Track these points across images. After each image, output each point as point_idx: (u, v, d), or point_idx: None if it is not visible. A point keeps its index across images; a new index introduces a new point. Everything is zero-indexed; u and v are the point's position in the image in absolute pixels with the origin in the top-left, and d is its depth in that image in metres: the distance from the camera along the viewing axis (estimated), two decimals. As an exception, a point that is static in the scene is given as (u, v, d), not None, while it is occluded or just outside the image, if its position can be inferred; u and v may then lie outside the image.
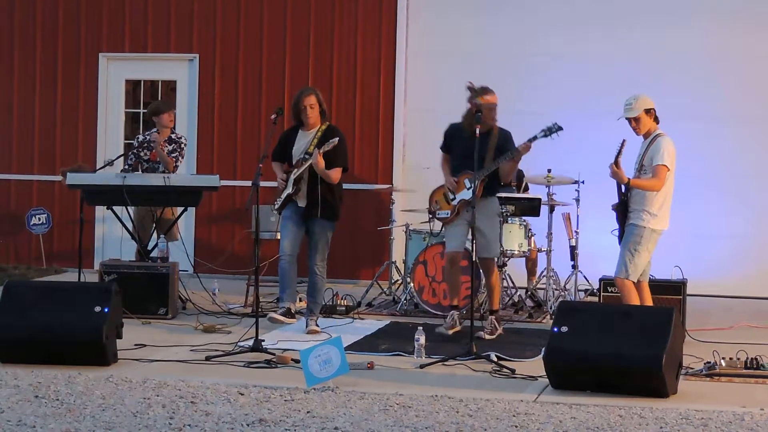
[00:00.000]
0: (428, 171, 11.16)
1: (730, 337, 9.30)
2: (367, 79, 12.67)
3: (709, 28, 12.02)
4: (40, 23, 13.33)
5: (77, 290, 8.23)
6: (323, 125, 9.29)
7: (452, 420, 6.49)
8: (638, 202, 8.43)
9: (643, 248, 8.42)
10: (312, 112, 9.20)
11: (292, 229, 9.28)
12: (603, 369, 7.19)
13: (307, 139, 9.24)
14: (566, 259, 10.70)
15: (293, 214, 9.27)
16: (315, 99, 9.23)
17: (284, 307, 9.29)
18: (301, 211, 9.23)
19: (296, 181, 9.15)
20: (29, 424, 6.19)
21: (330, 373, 7.25)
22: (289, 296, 9.35)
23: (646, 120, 8.48)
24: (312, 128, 9.27)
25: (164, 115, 10.71)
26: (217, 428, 6.20)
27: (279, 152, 9.44)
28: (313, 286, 9.32)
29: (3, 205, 13.45)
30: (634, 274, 8.43)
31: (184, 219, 11.16)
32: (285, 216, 9.31)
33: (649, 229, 8.41)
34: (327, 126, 9.31)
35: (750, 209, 12.04)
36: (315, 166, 9.06)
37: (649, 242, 8.43)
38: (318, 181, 9.14)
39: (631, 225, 8.45)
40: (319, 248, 9.26)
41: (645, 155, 8.45)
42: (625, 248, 8.45)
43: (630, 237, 8.43)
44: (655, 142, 8.44)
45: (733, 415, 6.70)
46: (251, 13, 12.90)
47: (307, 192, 9.17)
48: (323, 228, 9.25)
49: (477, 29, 12.46)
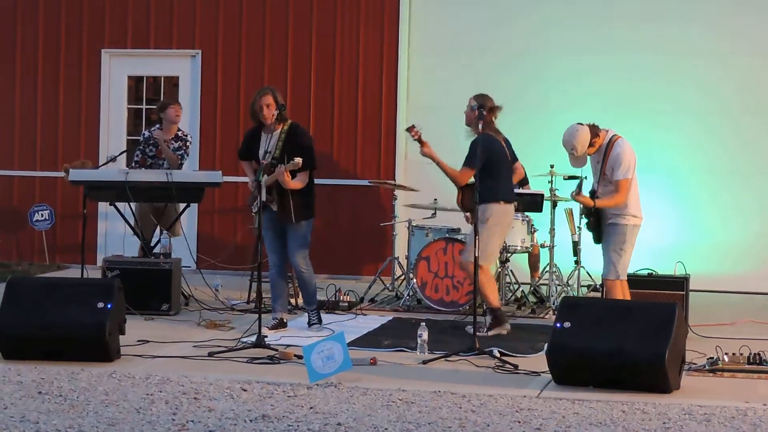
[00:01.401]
0: (430, 167, 11.15)
1: (733, 332, 9.30)
2: (369, 76, 12.66)
3: (720, 20, 12.00)
4: (43, 19, 13.33)
5: (80, 286, 8.21)
6: (286, 125, 9.13)
7: (455, 416, 6.50)
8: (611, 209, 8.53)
9: (628, 245, 8.54)
10: (268, 111, 9.02)
11: (272, 239, 9.19)
12: (606, 364, 7.18)
13: (272, 140, 9.06)
14: (569, 254, 10.68)
15: (269, 220, 9.11)
16: (272, 99, 9.05)
17: (277, 318, 9.23)
18: (274, 215, 9.10)
19: (268, 189, 8.94)
20: (32, 420, 6.19)
21: (333, 369, 7.25)
22: (281, 306, 9.32)
23: (591, 151, 8.56)
24: (275, 129, 9.09)
25: (169, 109, 10.66)
26: (220, 424, 6.20)
27: (245, 151, 9.36)
28: (302, 282, 9.29)
29: (6, 201, 13.46)
30: (624, 272, 8.52)
31: (186, 215, 11.16)
32: (264, 225, 9.06)
33: (631, 225, 8.52)
34: (290, 125, 9.14)
35: (754, 204, 12.03)
36: (282, 184, 8.90)
37: (632, 238, 8.55)
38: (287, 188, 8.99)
39: (612, 224, 8.51)
40: (297, 246, 9.14)
41: (605, 165, 8.51)
42: (611, 249, 8.51)
43: (613, 237, 8.50)
44: (613, 151, 8.50)
45: (736, 410, 6.70)
46: (254, 9, 12.90)
47: (277, 199, 9.03)
48: (299, 227, 9.11)
49: (479, 26, 12.46)
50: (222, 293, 10.68)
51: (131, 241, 10.89)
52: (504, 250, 10.23)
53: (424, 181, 11.56)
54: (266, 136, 9.15)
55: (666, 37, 12.05)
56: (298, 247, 9.16)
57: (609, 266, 8.54)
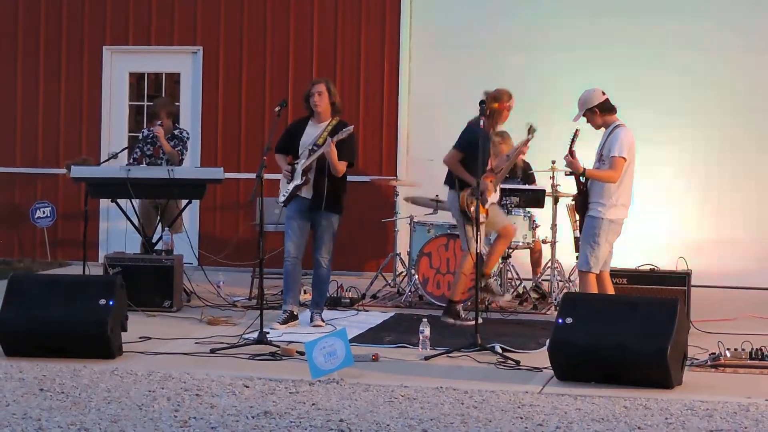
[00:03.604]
0: (432, 163, 11.14)
1: (735, 327, 9.30)
2: (371, 72, 12.66)
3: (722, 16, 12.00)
4: (44, 16, 13.33)
5: (82, 283, 8.23)
6: (334, 119, 9.20)
7: (457, 412, 6.50)
8: (595, 194, 8.52)
9: (603, 239, 8.48)
10: (320, 99, 9.08)
11: (296, 229, 9.17)
12: (608, 360, 7.18)
13: (317, 131, 9.14)
14: (570, 250, 10.69)
15: (297, 211, 9.15)
16: (324, 87, 9.13)
17: (288, 311, 9.19)
18: (306, 204, 9.12)
19: (304, 171, 9.06)
20: (34, 417, 6.19)
21: (335, 365, 7.25)
22: (293, 298, 9.26)
23: (594, 118, 8.59)
24: (322, 120, 9.17)
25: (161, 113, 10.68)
26: (222, 421, 6.20)
27: (284, 144, 9.36)
28: (319, 278, 9.24)
29: (7, 198, 13.46)
30: (596, 266, 8.52)
31: (188, 211, 11.16)
32: (289, 215, 9.17)
33: (607, 219, 8.46)
34: (338, 120, 9.21)
35: (756, 200, 12.02)
36: (327, 155, 8.93)
37: (608, 233, 8.49)
38: (325, 173, 9.05)
39: (589, 217, 8.51)
40: (326, 240, 9.16)
41: (603, 146, 8.51)
42: (585, 241, 8.51)
43: (589, 230, 8.50)
44: (613, 133, 8.52)
45: (738, 405, 6.70)
46: (255, 5, 12.89)
47: (313, 184, 9.09)
48: (329, 220, 9.16)
49: (481, 21, 12.45)
50: (224, 289, 10.67)
51: (133, 238, 10.88)
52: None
53: (426, 176, 11.56)
54: (314, 127, 9.17)
55: (666, 32, 12.04)
56: (327, 242, 9.14)
57: (582, 258, 8.56)
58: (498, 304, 10.09)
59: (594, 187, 8.52)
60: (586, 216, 8.56)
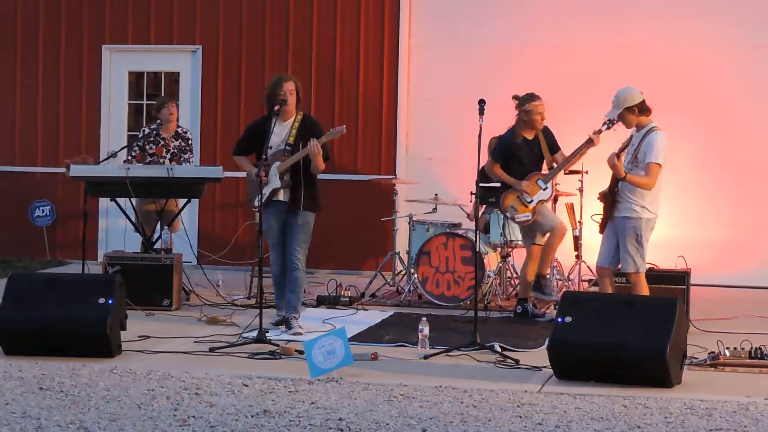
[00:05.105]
0: (431, 161, 11.17)
1: (734, 326, 9.30)
2: (369, 70, 12.66)
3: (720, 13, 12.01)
4: (43, 15, 13.33)
5: (81, 282, 8.22)
6: (299, 115, 8.98)
7: (456, 410, 6.50)
8: (630, 194, 8.45)
9: (644, 238, 8.49)
10: (291, 98, 8.86)
11: (278, 235, 8.98)
12: (607, 359, 7.18)
13: (285, 129, 8.92)
14: (569, 249, 10.69)
15: (274, 216, 8.94)
16: (294, 86, 8.89)
17: (281, 315, 9.08)
18: (283, 207, 8.90)
19: (281, 174, 8.84)
20: (34, 416, 6.19)
21: (334, 364, 7.25)
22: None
23: (630, 117, 8.55)
24: (288, 118, 8.96)
25: (164, 109, 10.67)
26: (222, 419, 6.20)
27: (246, 144, 9.13)
28: (295, 281, 8.94)
29: (7, 197, 13.46)
30: (643, 265, 8.50)
31: (187, 210, 11.16)
32: (267, 220, 8.93)
33: (645, 219, 8.47)
34: (302, 115, 9.02)
35: (755, 199, 12.02)
36: (312, 156, 8.70)
37: (647, 231, 8.50)
38: (300, 173, 8.86)
39: (625, 218, 8.46)
40: (300, 241, 8.90)
41: (639, 149, 8.48)
42: (628, 243, 8.45)
43: (629, 231, 8.44)
44: (648, 137, 8.47)
45: (738, 404, 6.70)
46: (254, 4, 12.90)
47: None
48: (306, 219, 8.91)
49: (480, 18, 12.45)
50: (223, 288, 10.68)
51: (132, 237, 10.89)
52: (505, 244, 10.24)
53: (425, 175, 11.56)
54: (279, 125, 8.93)
55: (668, 31, 12.04)
56: (301, 241, 8.89)
57: (628, 260, 8.46)
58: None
59: (628, 187, 8.49)
60: (618, 216, 8.51)
